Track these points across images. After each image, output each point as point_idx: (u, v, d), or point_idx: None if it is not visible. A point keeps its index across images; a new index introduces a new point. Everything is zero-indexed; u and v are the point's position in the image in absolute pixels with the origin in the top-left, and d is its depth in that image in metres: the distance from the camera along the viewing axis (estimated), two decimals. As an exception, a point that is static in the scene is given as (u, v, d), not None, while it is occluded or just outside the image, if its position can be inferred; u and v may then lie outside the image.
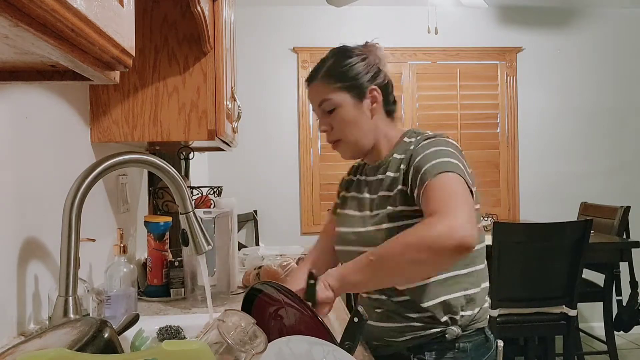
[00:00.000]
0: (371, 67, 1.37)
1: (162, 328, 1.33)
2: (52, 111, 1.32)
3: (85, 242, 1.22)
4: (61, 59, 0.61)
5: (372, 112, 1.36)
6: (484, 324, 1.31)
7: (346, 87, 1.34)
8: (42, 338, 0.77)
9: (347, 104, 1.34)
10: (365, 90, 1.35)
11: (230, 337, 0.77)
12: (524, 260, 2.74)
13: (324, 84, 1.36)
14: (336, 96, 1.34)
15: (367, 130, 1.36)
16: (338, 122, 1.35)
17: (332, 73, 1.35)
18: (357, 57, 1.37)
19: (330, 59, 1.38)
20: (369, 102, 1.35)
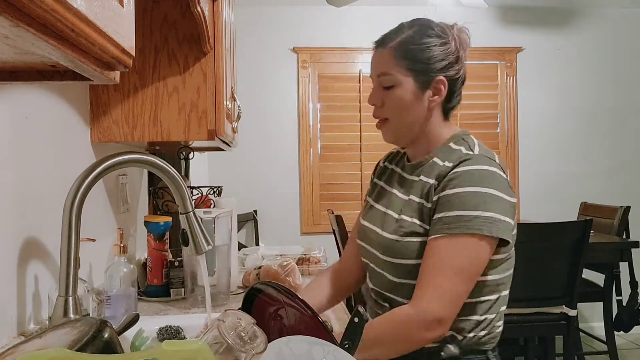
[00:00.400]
0: (448, 55, 1.24)
1: (162, 328, 1.33)
2: (52, 111, 1.32)
3: (85, 242, 1.22)
4: (61, 59, 0.61)
5: (430, 104, 1.24)
6: (489, 346, 1.24)
7: (413, 69, 1.22)
8: (42, 338, 0.77)
9: (409, 87, 1.23)
10: (432, 79, 1.23)
11: (230, 337, 0.77)
12: (524, 260, 2.71)
13: (391, 56, 1.23)
14: (400, 74, 1.22)
15: (418, 121, 1.25)
16: (392, 101, 1.24)
17: (405, 48, 1.22)
18: (437, 39, 1.23)
19: (408, 30, 1.25)
20: (431, 93, 1.23)
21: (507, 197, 1.16)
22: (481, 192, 1.14)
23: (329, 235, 3.91)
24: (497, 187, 1.15)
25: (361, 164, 4.30)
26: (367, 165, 4.24)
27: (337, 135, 4.30)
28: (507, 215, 1.15)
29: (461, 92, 1.30)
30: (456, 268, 1.13)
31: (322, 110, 4.32)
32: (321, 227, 4.27)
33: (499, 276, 1.22)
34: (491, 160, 1.20)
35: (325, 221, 4.21)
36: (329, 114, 4.31)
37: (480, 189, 1.14)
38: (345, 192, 4.29)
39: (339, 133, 4.29)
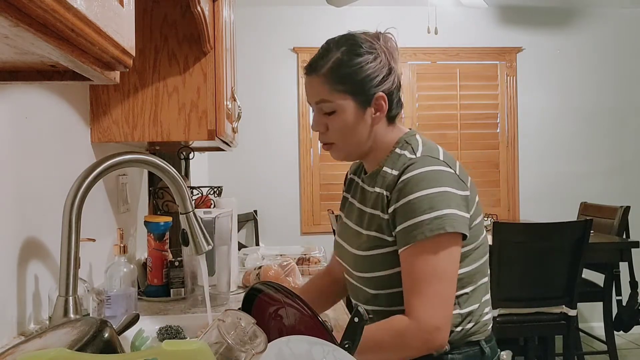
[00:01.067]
0: (382, 68, 1.23)
1: (162, 328, 1.33)
2: (52, 111, 1.32)
3: (85, 242, 1.22)
4: (61, 59, 0.61)
5: (373, 120, 1.24)
6: (480, 336, 1.25)
7: (351, 92, 1.21)
8: (42, 338, 0.77)
9: (350, 110, 1.22)
10: (371, 97, 1.22)
11: (230, 337, 0.77)
12: (524, 260, 2.74)
13: (326, 82, 1.22)
14: (339, 99, 1.21)
15: (364, 138, 1.26)
16: (335, 126, 1.23)
17: (338, 72, 1.21)
18: (368, 56, 1.22)
19: (336, 52, 1.23)
20: (373, 110, 1.23)
21: (458, 191, 1.17)
22: (432, 193, 1.14)
23: (329, 235, 3.91)
24: (445, 184, 1.16)
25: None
26: (367, 165, 4.23)
27: (337, 135, 4.29)
28: (462, 209, 1.16)
29: (400, 97, 1.29)
30: (438, 273, 1.14)
31: (322, 110, 4.32)
32: (321, 227, 4.27)
33: (470, 268, 1.23)
34: (434, 159, 1.20)
35: (325, 221, 4.21)
36: (329, 114, 4.31)
37: (430, 191, 1.15)
38: (345, 192, 4.29)
39: (339, 133, 4.29)
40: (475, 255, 1.24)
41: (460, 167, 1.24)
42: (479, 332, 1.25)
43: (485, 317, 1.27)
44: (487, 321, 1.28)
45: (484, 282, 1.27)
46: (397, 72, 1.27)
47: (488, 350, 1.26)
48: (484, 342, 1.26)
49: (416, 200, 1.15)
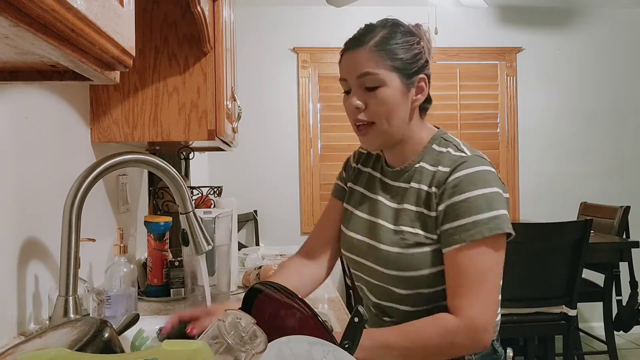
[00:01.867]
0: (424, 53, 1.21)
1: (162, 328, 1.33)
2: (52, 111, 1.32)
3: (86, 242, 1.22)
4: (61, 59, 0.61)
5: (413, 104, 1.21)
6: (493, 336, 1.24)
7: (398, 68, 1.17)
8: (42, 338, 0.77)
9: (395, 86, 1.17)
10: (415, 78, 1.19)
11: (230, 337, 0.77)
12: (524, 260, 2.73)
13: (373, 55, 1.16)
14: (386, 73, 1.16)
15: (403, 122, 1.21)
16: (378, 102, 1.17)
17: (387, 46, 1.17)
18: (413, 38, 1.20)
19: (382, 29, 1.20)
20: (414, 92, 1.20)
21: (504, 194, 1.18)
22: (489, 193, 1.13)
23: (329, 235, 3.90)
24: (497, 185, 1.16)
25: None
26: (367, 165, 4.23)
27: (337, 135, 4.30)
28: (508, 211, 1.17)
29: None
30: (491, 273, 1.15)
31: (322, 110, 4.32)
32: (321, 227, 4.26)
33: None
34: (484, 159, 1.20)
35: (325, 221, 4.20)
36: (329, 114, 4.31)
37: (487, 190, 1.13)
38: (345, 192, 4.29)
39: (339, 133, 4.29)
40: None
41: None
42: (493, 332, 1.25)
43: (498, 317, 1.27)
44: (498, 322, 1.28)
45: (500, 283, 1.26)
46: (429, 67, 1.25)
47: (500, 349, 1.27)
48: (495, 342, 1.27)
49: (474, 199, 1.12)
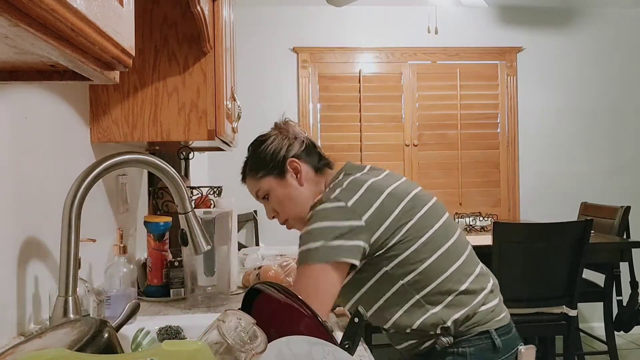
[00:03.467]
0: (283, 142, 1.44)
1: (162, 328, 1.33)
2: (52, 111, 1.32)
3: (86, 242, 1.22)
4: (61, 58, 0.61)
5: (299, 181, 1.43)
6: (487, 326, 1.31)
7: (267, 172, 1.44)
8: (42, 338, 0.77)
9: (274, 185, 1.44)
10: (284, 166, 1.43)
11: (230, 337, 0.77)
12: (524, 260, 2.73)
13: (251, 178, 1.48)
14: (263, 183, 1.45)
15: (303, 199, 1.42)
16: (276, 204, 1.45)
17: (253, 166, 1.47)
18: (268, 141, 1.46)
19: (249, 155, 1.50)
20: (292, 173, 1.43)
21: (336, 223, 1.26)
22: (307, 229, 1.29)
23: (329, 235, 3.90)
24: (324, 218, 1.28)
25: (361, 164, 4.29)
26: (367, 165, 4.23)
27: (337, 135, 4.29)
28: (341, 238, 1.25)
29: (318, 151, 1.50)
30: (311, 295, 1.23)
31: (322, 110, 4.32)
32: (321, 227, 4.26)
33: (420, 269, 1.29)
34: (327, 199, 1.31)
35: (325, 221, 4.20)
36: (329, 114, 4.31)
37: (307, 228, 1.29)
38: (345, 192, 4.28)
39: (339, 133, 4.29)
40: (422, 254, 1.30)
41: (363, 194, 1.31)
42: (484, 321, 1.30)
43: (483, 306, 1.32)
44: (493, 308, 1.33)
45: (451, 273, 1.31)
46: (303, 139, 1.47)
47: (499, 343, 1.30)
48: (495, 333, 1.31)
49: (302, 235, 1.32)
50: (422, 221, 1.32)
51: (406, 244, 1.29)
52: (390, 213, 1.30)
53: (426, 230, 1.32)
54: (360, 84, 4.28)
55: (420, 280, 1.29)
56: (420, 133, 4.34)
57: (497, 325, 1.32)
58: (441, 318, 1.28)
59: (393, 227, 1.29)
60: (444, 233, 1.35)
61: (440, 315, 1.28)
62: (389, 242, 1.29)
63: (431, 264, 1.30)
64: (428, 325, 1.29)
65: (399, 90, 4.33)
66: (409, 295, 1.30)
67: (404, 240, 1.29)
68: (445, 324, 1.28)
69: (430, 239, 1.32)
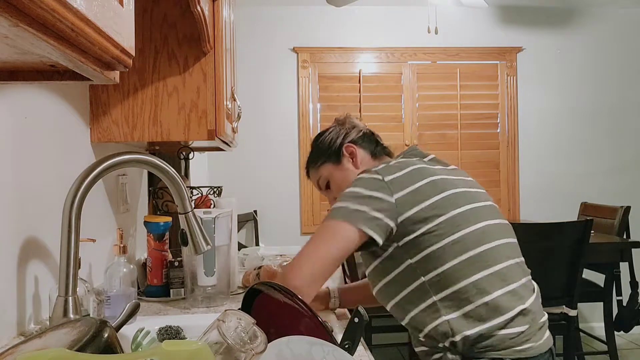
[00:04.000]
0: (340, 131, 1.51)
1: (162, 328, 1.33)
2: (52, 111, 1.32)
3: (86, 242, 1.22)
4: (61, 58, 0.61)
5: (354, 165, 1.48)
6: (503, 354, 1.17)
7: (325, 160, 1.51)
8: (42, 338, 0.77)
9: (332, 171, 1.50)
10: (340, 152, 1.49)
11: (230, 337, 0.77)
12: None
13: (312, 169, 1.55)
14: (322, 171, 1.51)
15: None
16: (335, 190, 1.49)
17: (313, 157, 1.55)
18: (327, 132, 1.54)
19: (311, 149, 1.57)
20: (348, 157, 1.49)
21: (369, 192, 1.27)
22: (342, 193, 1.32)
23: (329, 235, 3.90)
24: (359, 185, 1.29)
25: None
26: (367, 165, 4.23)
27: (337, 135, 4.29)
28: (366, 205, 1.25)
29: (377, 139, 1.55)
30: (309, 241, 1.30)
31: (322, 110, 4.32)
32: (321, 227, 4.26)
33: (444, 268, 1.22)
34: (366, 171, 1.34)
35: (325, 221, 4.20)
36: (329, 114, 4.31)
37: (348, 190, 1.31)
38: (345, 192, 4.28)
39: (339, 133, 4.29)
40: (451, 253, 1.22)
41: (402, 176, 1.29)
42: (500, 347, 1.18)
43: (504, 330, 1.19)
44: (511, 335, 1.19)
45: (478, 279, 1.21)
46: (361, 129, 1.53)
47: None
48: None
49: None
50: (459, 218, 1.24)
51: (435, 238, 1.23)
52: (425, 199, 1.25)
53: (460, 229, 1.24)
54: (360, 84, 4.28)
55: (441, 281, 1.22)
56: (420, 133, 4.34)
57: (517, 356, 1.18)
58: (451, 328, 1.19)
59: (424, 215, 1.23)
60: (483, 237, 1.25)
61: (451, 325, 1.20)
62: (418, 229, 1.23)
63: (456, 266, 1.22)
64: (438, 334, 1.22)
65: (399, 90, 4.33)
66: (427, 295, 1.23)
67: (433, 232, 1.23)
68: (454, 337, 1.19)
69: (462, 239, 1.23)
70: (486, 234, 1.26)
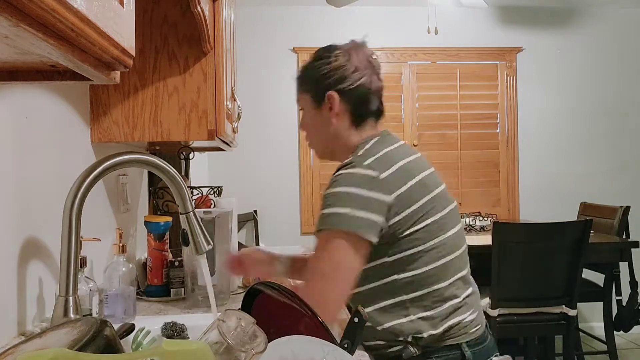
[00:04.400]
0: (337, 70, 1.32)
1: (167, 323, 1.34)
2: (52, 111, 1.32)
3: (86, 242, 1.22)
4: (61, 59, 0.61)
5: (332, 118, 1.33)
6: (460, 339, 1.24)
7: (307, 90, 1.37)
8: (42, 338, 0.77)
9: (308, 106, 1.38)
10: (323, 95, 1.33)
11: (230, 337, 0.77)
12: (524, 260, 2.73)
13: (298, 85, 1.42)
14: (302, 98, 1.39)
15: (326, 135, 1.36)
16: (304, 122, 1.42)
17: (301, 75, 1.40)
18: (325, 60, 1.34)
19: (310, 59, 1.40)
20: (328, 107, 1.33)
21: (367, 192, 1.19)
22: (337, 192, 1.21)
23: (329, 235, 3.90)
24: (356, 184, 1.20)
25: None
26: (367, 165, 4.23)
27: (337, 135, 4.29)
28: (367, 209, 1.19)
29: (379, 100, 1.36)
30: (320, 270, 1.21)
31: (322, 110, 4.32)
32: (321, 227, 4.26)
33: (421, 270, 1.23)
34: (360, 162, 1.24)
35: (325, 221, 4.20)
36: (329, 114, 4.31)
37: (337, 189, 1.21)
38: (345, 192, 4.28)
39: (339, 133, 4.29)
40: (427, 257, 1.23)
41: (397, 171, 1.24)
42: (457, 334, 1.24)
43: (463, 320, 1.25)
44: (467, 324, 1.26)
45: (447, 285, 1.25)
46: (361, 77, 1.32)
47: (470, 355, 1.24)
48: (466, 346, 1.25)
49: (325, 195, 1.24)
50: (440, 222, 1.25)
51: (416, 241, 1.22)
52: (416, 201, 1.23)
53: (441, 234, 1.25)
54: (360, 84, 4.27)
55: (415, 282, 1.23)
56: (420, 133, 4.34)
57: (469, 338, 1.25)
58: (419, 327, 1.22)
59: (414, 217, 1.22)
60: (455, 242, 1.28)
61: (418, 324, 1.22)
62: (404, 231, 1.21)
63: (431, 270, 1.23)
64: (402, 330, 1.23)
65: (399, 90, 4.33)
66: (397, 294, 1.23)
67: (416, 235, 1.22)
68: (420, 334, 1.22)
69: (441, 244, 1.25)
70: (458, 239, 1.30)
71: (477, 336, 1.28)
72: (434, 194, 1.26)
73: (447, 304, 1.24)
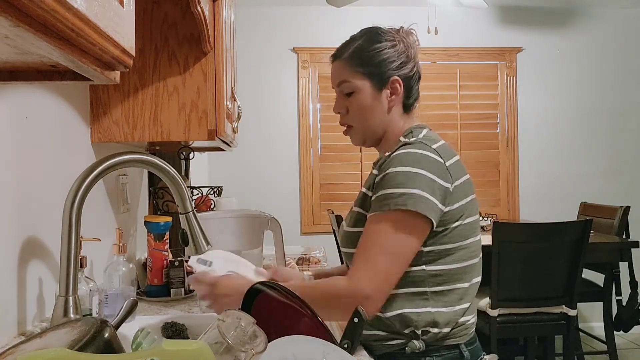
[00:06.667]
0: (400, 55, 1.30)
1: (167, 323, 1.33)
2: (52, 111, 1.32)
3: (86, 241, 1.22)
4: (61, 59, 0.61)
5: (389, 104, 1.31)
6: (459, 340, 1.25)
7: (368, 73, 1.29)
8: (42, 338, 0.77)
9: (366, 90, 1.30)
10: (387, 80, 1.29)
11: (230, 337, 0.78)
12: (524, 260, 2.73)
13: (347, 65, 1.31)
14: (357, 80, 1.30)
15: (380, 121, 1.32)
16: (354, 107, 1.32)
17: (358, 55, 1.30)
18: (387, 43, 1.30)
19: (359, 39, 1.32)
20: (389, 92, 1.30)
21: (436, 178, 1.18)
22: (408, 171, 1.17)
23: (329, 235, 3.91)
24: (426, 167, 1.18)
25: (361, 164, 4.30)
26: (367, 166, 4.24)
27: (337, 135, 4.29)
28: (434, 196, 1.17)
29: (418, 88, 1.36)
30: (388, 247, 1.17)
31: (322, 110, 4.32)
32: (321, 227, 4.27)
33: (450, 266, 1.23)
34: (426, 145, 1.23)
35: (326, 221, 4.21)
36: (329, 114, 4.30)
37: (407, 169, 1.18)
38: (345, 192, 4.29)
39: (339, 133, 4.25)
40: (458, 255, 1.23)
41: (455, 163, 1.25)
42: (459, 335, 1.25)
43: (467, 322, 1.27)
44: (469, 325, 1.28)
45: (468, 286, 1.26)
46: (416, 64, 1.33)
47: (467, 354, 1.25)
48: (464, 346, 1.26)
49: (392, 174, 1.18)
50: (474, 224, 1.26)
51: (456, 237, 1.22)
52: (466, 196, 1.23)
53: (473, 235, 1.26)
54: (360, 84, 4.27)
55: (442, 276, 1.22)
56: (420, 133, 4.34)
57: (467, 339, 1.27)
58: (434, 320, 1.21)
59: (461, 212, 1.22)
60: (479, 247, 1.29)
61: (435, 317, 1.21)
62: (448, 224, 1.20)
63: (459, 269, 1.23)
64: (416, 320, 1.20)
65: (399, 90, 4.33)
66: (421, 285, 1.21)
67: (456, 231, 1.22)
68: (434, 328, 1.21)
69: (472, 245, 1.26)
70: (479, 246, 1.31)
71: (472, 335, 1.30)
72: (474, 196, 1.28)
73: (462, 304, 1.25)
